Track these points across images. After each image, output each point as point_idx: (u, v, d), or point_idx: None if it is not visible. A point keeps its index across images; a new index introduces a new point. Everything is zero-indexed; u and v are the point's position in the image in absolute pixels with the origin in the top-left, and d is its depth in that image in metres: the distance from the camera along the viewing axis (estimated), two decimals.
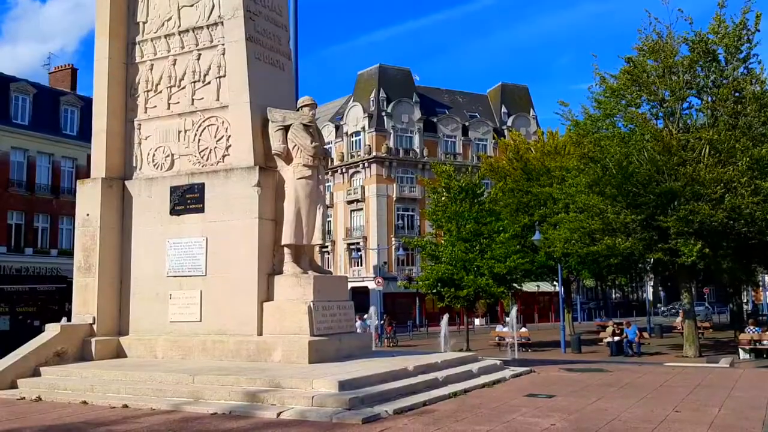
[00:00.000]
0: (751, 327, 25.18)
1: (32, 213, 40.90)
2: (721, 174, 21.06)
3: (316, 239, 12.04)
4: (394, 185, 57.65)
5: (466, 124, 63.11)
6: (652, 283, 64.50)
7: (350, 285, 28.78)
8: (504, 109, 65.96)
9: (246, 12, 12.56)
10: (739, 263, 26.81)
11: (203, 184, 12.32)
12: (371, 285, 48.44)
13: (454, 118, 62.53)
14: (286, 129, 12.26)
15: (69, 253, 20.11)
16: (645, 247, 23.54)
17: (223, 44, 12.70)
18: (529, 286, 38.58)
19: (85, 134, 36.60)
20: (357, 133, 60.21)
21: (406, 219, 57.79)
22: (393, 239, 55.20)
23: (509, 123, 63.72)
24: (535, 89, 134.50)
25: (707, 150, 21.80)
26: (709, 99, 22.87)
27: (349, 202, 58.92)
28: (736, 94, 22.25)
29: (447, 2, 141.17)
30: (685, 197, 21.73)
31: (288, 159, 12.17)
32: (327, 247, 54.91)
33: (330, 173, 56.00)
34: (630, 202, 22.78)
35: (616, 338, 25.70)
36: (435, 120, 61.60)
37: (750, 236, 22.49)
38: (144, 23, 13.55)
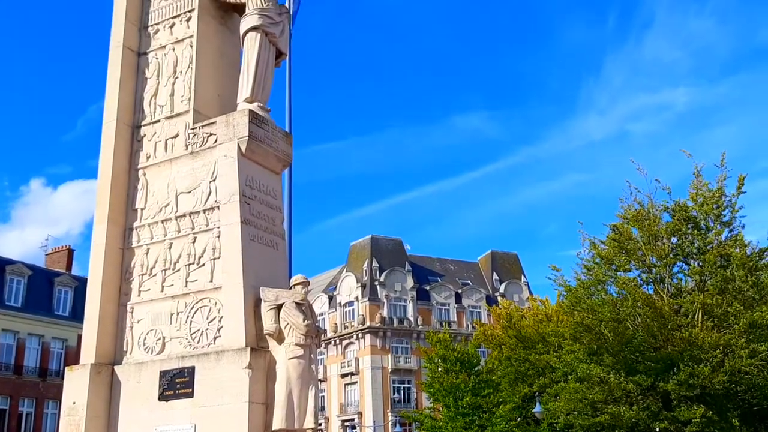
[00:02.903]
0: None
1: (18, 397, 39.70)
2: (718, 338, 20.94)
3: (308, 423, 11.63)
4: (389, 356, 56.78)
5: (459, 291, 63.50)
6: None
7: None
8: (495, 276, 66.67)
9: (242, 197, 12.99)
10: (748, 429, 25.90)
11: (194, 368, 12.08)
12: None
13: (446, 286, 62.98)
14: (278, 308, 12.26)
15: None
16: (650, 417, 22.82)
17: (218, 227, 13.00)
18: None
19: (77, 314, 36.46)
20: (350, 303, 60.30)
21: (402, 392, 56.26)
22: (389, 414, 53.37)
23: (501, 290, 64.12)
24: (524, 256, 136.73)
25: (700, 314, 21.83)
26: (696, 264, 23.24)
27: (343, 375, 57.63)
28: (720, 259, 22.63)
29: (436, 176, 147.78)
30: (684, 362, 21.42)
31: (280, 339, 12.06)
32: (321, 425, 52.85)
33: (323, 345, 55.16)
34: (630, 370, 22.41)
35: None
36: (428, 288, 62.04)
37: (754, 402, 21.93)
38: (142, 209, 13.95)
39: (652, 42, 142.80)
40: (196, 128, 13.47)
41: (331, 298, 61.62)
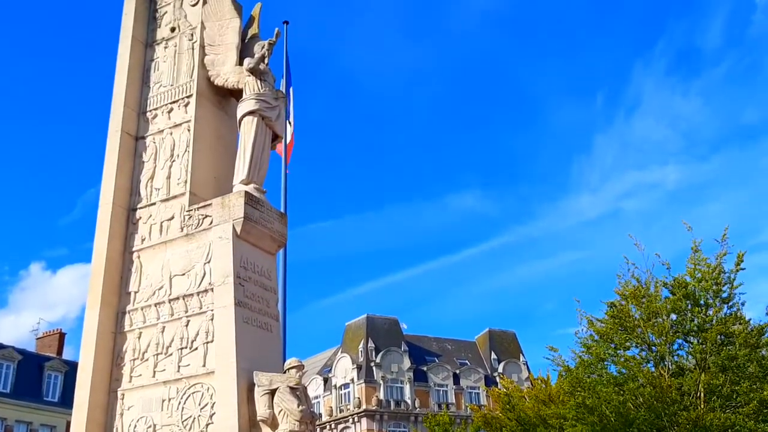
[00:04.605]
0: None
1: None
2: (725, 419, 20.45)
3: None
4: None
5: (457, 371, 62.40)
6: None
7: None
8: (494, 356, 65.66)
9: (236, 278, 12.88)
10: None
11: None
12: None
13: (444, 366, 61.93)
14: (272, 393, 11.96)
15: None
16: None
17: (212, 310, 12.82)
18: None
19: (66, 400, 35.59)
20: (346, 386, 59.08)
21: None
22: None
23: (500, 369, 62.97)
24: (522, 334, 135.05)
25: (703, 394, 21.40)
26: (697, 341, 22.93)
27: None
28: (720, 337, 22.32)
29: (431, 254, 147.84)
30: None
31: (274, 425, 11.72)
32: None
33: (318, 430, 53.69)
34: None
35: None
36: (425, 369, 60.95)
37: None
38: (136, 292, 13.78)
39: (640, 121, 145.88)
40: (191, 210, 13.49)
41: (326, 380, 60.42)
